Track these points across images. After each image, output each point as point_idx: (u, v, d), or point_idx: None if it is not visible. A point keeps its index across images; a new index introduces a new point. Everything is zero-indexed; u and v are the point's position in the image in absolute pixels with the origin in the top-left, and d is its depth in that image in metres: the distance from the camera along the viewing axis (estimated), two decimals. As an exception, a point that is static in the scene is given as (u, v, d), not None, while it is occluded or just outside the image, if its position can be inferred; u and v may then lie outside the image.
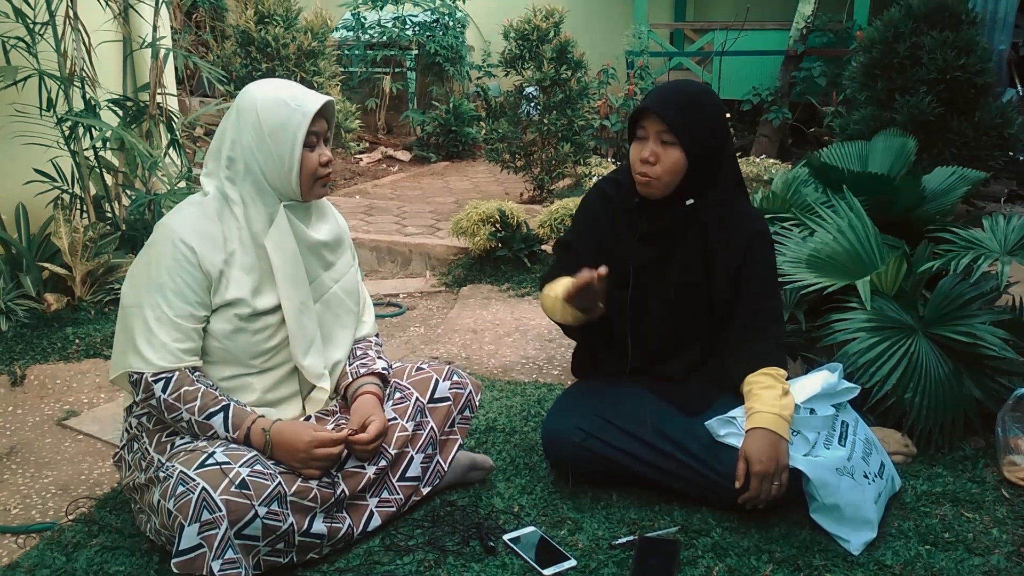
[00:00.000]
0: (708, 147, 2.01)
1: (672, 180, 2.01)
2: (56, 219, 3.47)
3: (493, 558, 1.88)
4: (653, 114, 1.98)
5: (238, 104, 1.87)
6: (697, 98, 2.03)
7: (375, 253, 4.55)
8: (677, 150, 1.98)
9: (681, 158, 1.98)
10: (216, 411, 1.80)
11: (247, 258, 1.87)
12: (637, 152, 2.02)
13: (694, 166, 2.00)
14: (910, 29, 4.39)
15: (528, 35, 5.25)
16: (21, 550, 1.96)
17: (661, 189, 2.03)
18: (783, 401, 1.95)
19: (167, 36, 4.08)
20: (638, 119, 2.02)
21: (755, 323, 2.06)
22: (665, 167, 1.99)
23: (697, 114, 1.99)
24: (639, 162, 2.01)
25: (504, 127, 5.43)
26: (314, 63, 6.27)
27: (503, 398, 2.72)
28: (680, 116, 1.97)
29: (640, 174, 2.02)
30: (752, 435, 1.91)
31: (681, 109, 1.98)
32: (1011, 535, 1.95)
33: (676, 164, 1.99)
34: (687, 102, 2.00)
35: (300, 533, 1.78)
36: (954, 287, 2.42)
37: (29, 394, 2.85)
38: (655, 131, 1.99)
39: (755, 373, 2.01)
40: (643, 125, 2.01)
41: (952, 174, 3.05)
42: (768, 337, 2.06)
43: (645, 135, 2.01)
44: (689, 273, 2.08)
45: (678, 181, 2.01)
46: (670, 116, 1.96)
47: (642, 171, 2.01)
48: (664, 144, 1.99)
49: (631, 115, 2.04)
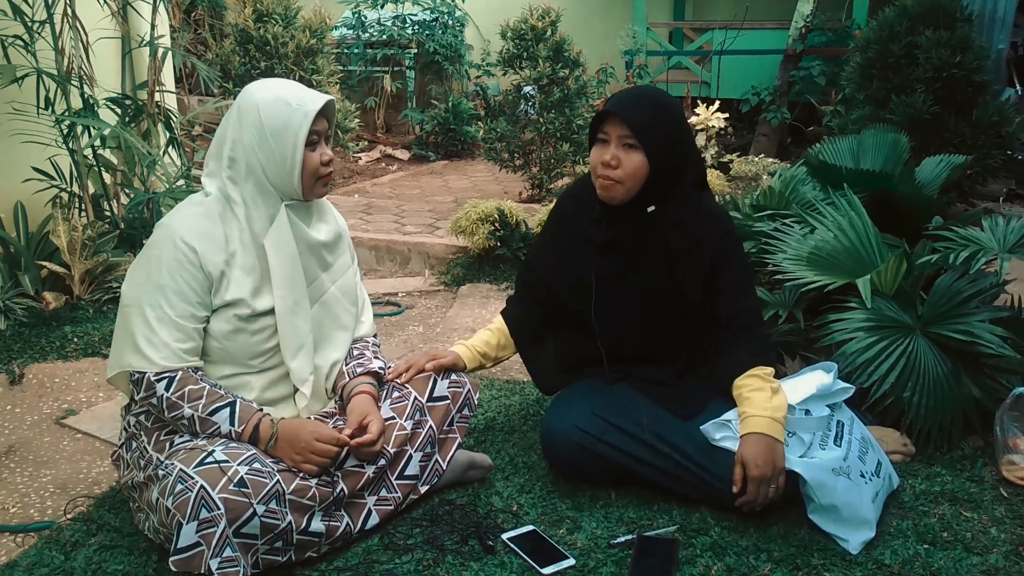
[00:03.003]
0: (669, 153, 1.99)
1: (633, 185, 1.99)
2: (55, 218, 3.47)
3: (492, 557, 1.87)
4: (616, 117, 1.97)
5: (239, 104, 1.86)
6: (660, 102, 2.03)
7: (374, 252, 4.55)
8: (639, 154, 1.97)
9: (643, 162, 1.97)
10: (222, 406, 1.81)
11: (248, 259, 1.87)
12: (599, 155, 2.00)
13: (655, 171, 1.98)
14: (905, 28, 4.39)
15: (524, 35, 5.26)
16: (19, 549, 1.96)
17: (622, 193, 2.00)
18: (774, 402, 1.95)
19: (166, 34, 4.08)
20: (600, 123, 2.01)
21: (737, 324, 2.05)
22: (627, 171, 1.97)
23: (660, 119, 1.99)
24: (600, 165, 2.00)
25: (503, 126, 5.44)
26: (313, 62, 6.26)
27: (502, 397, 2.72)
28: (643, 120, 1.96)
29: (602, 176, 2.00)
30: (747, 440, 1.91)
31: (644, 113, 1.97)
32: (1009, 534, 1.96)
33: (638, 168, 1.97)
34: (650, 106, 2.00)
35: (298, 531, 1.78)
36: (952, 285, 2.42)
37: (27, 393, 2.85)
38: (617, 135, 1.98)
39: (743, 376, 2.01)
40: (605, 129, 2.00)
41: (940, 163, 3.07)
42: (752, 337, 2.05)
43: (607, 138, 2.00)
44: (654, 280, 2.07)
45: (639, 187, 2.00)
46: (633, 119, 1.95)
47: (604, 174, 1.99)
48: (627, 148, 1.97)
49: (593, 119, 2.03)
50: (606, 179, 2.00)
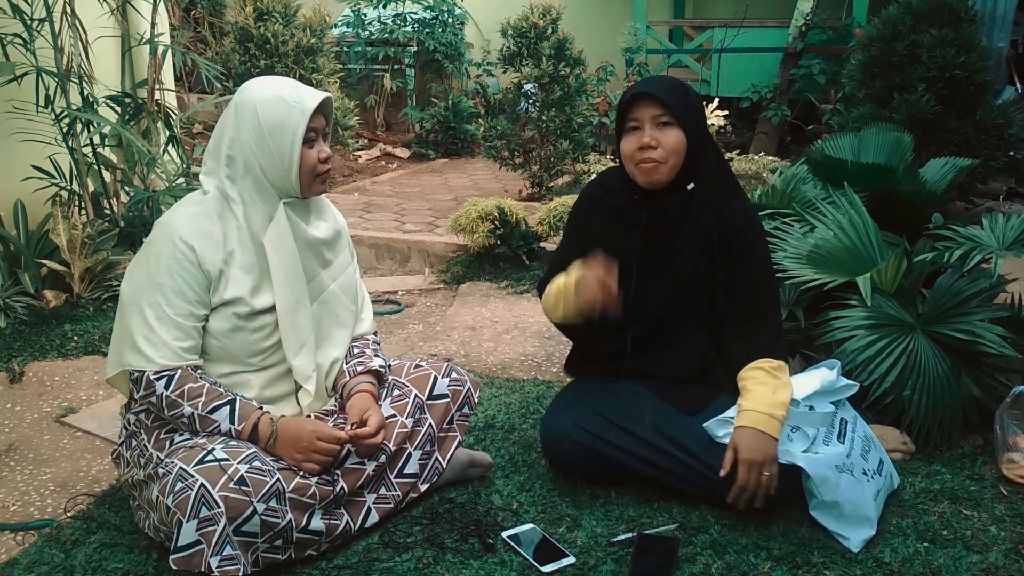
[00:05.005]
0: (701, 127, 2.04)
1: (676, 161, 2.00)
2: (54, 216, 3.47)
3: (492, 555, 1.87)
4: (648, 98, 1.98)
5: (236, 102, 1.86)
6: (679, 81, 2.10)
7: (374, 250, 4.55)
8: (676, 130, 1.98)
9: (682, 137, 1.99)
10: (222, 404, 1.81)
11: (246, 257, 1.87)
12: (634, 143, 2.01)
13: (691, 146, 2.00)
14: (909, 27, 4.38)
15: (526, 32, 5.25)
16: (20, 547, 1.96)
17: (667, 173, 2.00)
18: (775, 398, 1.94)
19: (165, 32, 4.08)
20: (627, 112, 2.02)
21: (753, 312, 2.05)
22: (668, 148, 1.98)
23: (686, 93, 2.04)
24: (638, 151, 2.00)
25: (503, 124, 5.43)
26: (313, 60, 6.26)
27: (502, 395, 2.72)
28: (674, 96, 1.99)
29: (644, 160, 2.00)
30: (741, 431, 1.92)
31: (673, 90, 2.01)
32: (1009, 532, 1.96)
33: (678, 144, 1.99)
34: (674, 84, 2.05)
35: (298, 530, 1.78)
36: (952, 284, 2.42)
37: (27, 391, 2.85)
38: (650, 116, 1.99)
39: (750, 367, 2.01)
40: (634, 116, 2.01)
41: (945, 164, 3.07)
42: (766, 327, 2.05)
43: (638, 124, 2.00)
44: (692, 261, 2.07)
45: (681, 162, 2.01)
46: (665, 97, 1.97)
47: (645, 157, 1.99)
48: (662, 126, 1.99)
49: (619, 107, 2.04)
50: (648, 161, 1.99)
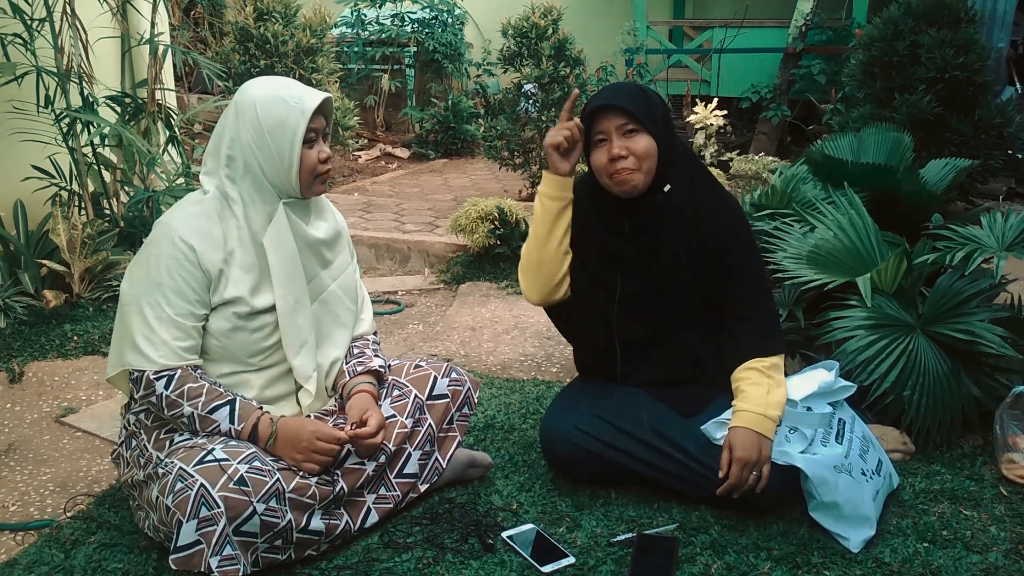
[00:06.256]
0: (666, 127, 2.03)
1: (651, 165, 1.99)
2: (54, 216, 3.47)
3: (492, 555, 1.87)
4: (610, 109, 1.97)
5: (236, 102, 1.86)
6: (637, 85, 2.10)
7: (374, 250, 4.55)
8: (644, 135, 1.97)
9: (651, 141, 1.98)
10: (221, 404, 1.81)
11: (246, 257, 1.87)
12: (604, 155, 1.99)
13: (661, 148, 1.99)
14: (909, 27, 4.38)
15: (527, 32, 5.25)
16: (19, 547, 1.96)
17: (643, 179, 1.99)
18: (770, 398, 1.95)
19: (165, 32, 4.08)
20: (590, 126, 2.01)
21: (743, 309, 2.05)
22: (640, 155, 1.97)
23: (646, 97, 2.02)
24: (609, 163, 1.98)
25: (503, 124, 5.43)
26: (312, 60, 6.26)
27: (502, 395, 2.72)
28: (636, 102, 1.98)
29: (617, 171, 1.98)
30: (735, 431, 1.93)
31: (634, 97, 2.00)
32: (1009, 532, 1.96)
33: (648, 148, 1.97)
34: (634, 90, 2.04)
35: (298, 530, 1.78)
36: (952, 284, 2.42)
37: (27, 391, 2.85)
38: (615, 126, 1.97)
39: (744, 367, 2.01)
40: (600, 129, 1.99)
41: (945, 165, 3.07)
42: (758, 324, 2.04)
43: (604, 136, 1.99)
44: (678, 261, 2.06)
45: (655, 166, 1.99)
46: (628, 104, 1.97)
47: (618, 168, 1.97)
48: (629, 134, 1.97)
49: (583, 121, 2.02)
50: (622, 171, 1.97)
